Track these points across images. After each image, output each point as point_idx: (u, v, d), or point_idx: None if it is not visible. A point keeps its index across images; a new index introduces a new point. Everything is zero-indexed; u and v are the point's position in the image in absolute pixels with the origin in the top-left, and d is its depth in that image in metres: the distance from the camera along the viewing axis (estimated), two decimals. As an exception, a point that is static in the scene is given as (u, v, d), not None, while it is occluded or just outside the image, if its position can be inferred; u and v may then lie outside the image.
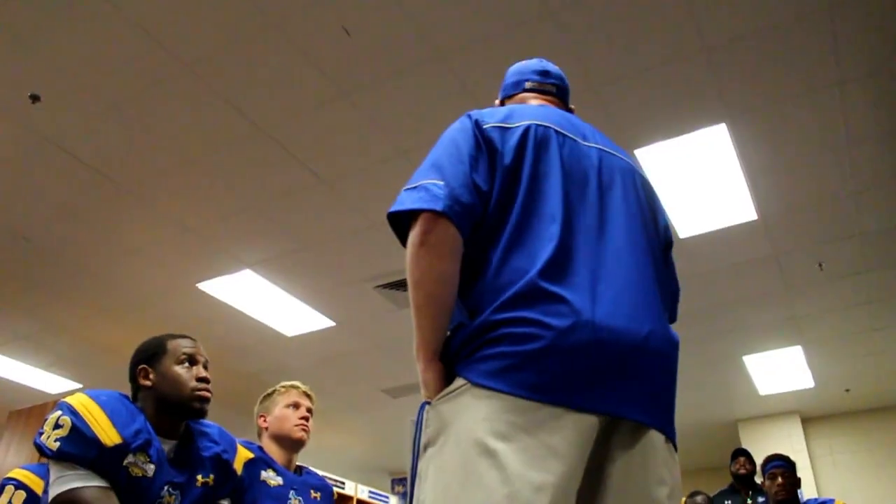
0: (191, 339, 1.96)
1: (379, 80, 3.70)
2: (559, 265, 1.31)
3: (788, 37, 3.45)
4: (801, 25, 3.40)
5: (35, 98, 3.69)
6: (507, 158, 1.42)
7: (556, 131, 1.50)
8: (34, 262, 5.24)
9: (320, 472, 6.46)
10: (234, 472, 2.00)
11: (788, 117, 3.97)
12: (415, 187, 1.37)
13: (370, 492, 7.44)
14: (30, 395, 7.36)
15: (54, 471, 1.67)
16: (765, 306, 6.07)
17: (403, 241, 1.38)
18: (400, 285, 5.61)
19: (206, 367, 1.92)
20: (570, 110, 1.77)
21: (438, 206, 1.30)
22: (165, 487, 1.78)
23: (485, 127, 1.46)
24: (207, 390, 1.88)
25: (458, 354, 1.30)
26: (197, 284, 5.62)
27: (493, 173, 1.42)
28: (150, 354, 1.90)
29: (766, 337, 6.64)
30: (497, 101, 1.82)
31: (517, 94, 1.76)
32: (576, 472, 1.19)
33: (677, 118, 3.95)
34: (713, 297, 5.87)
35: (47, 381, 7.35)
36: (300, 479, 2.36)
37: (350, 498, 7.39)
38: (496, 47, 3.49)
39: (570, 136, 1.53)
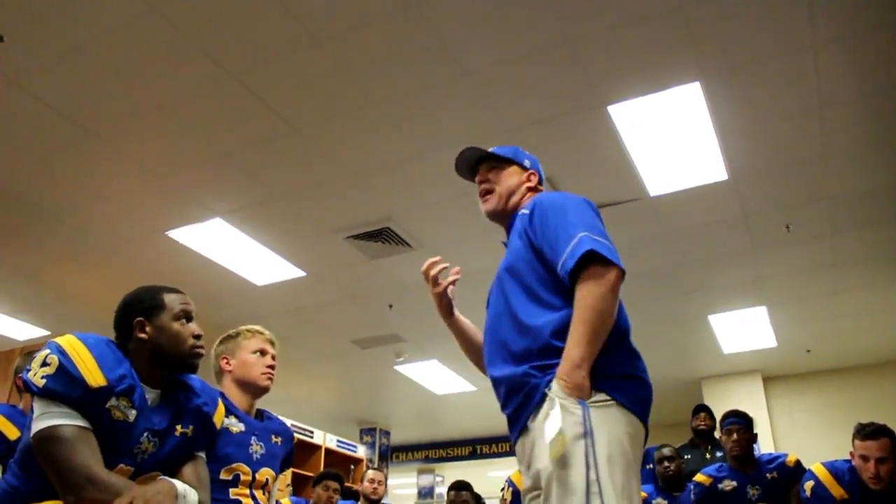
0: (182, 293, 1.98)
1: (352, 28, 3.64)
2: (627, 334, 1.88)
3: (765, -4, 3.45)
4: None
5: (-2, 37, 3.59)
6: None
7: None
8: (-1, 205, 5.16)
9: (289, 422, 6.51)
10: (213, 425, 2.02)
11: (763, 78, 3.98)
12: (602, 242, 1.77)
13: (338, 441, 7.53)
14: (-3, 343, 7.31)
15: (38, 406, 1.68)
16: (732, 266, 6.16)
17: (576, 266, 1.74)
18: (371, 236, 5.60)
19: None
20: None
21: (620, 264, 1.76)
22: (145, 433, 1.79)
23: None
24: (203, 347, 1.93)
25: (601, 374, 1.69)
26: (166, 232, 5.57)
27: None
28: (147, 307, 1.90)
29: (732, 296, 6.75)
30: (529, 172, 2.18)
31: (539, 185, 2.19)
32: None
33: (652, 75, 3.95)
34: (681, 255, 5.94)
35: (14, 328, 7.28)
36: (261, 424, 2.35)
37: (318, 447, 7.48)
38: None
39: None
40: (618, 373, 1.73)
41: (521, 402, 1.76)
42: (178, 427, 1.89)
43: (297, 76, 3.97)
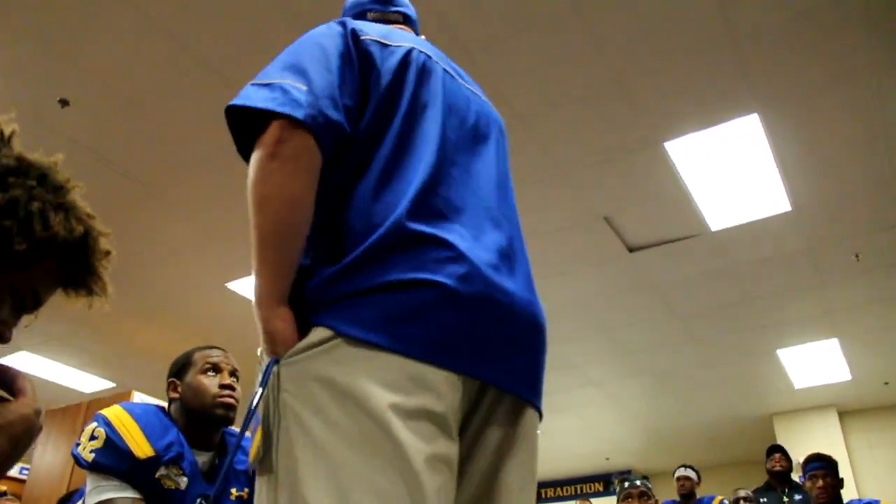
0: (219, 349, 1.98)
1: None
2: (437, 203, 1.13)
3: (820, 23, 3.37)
4: (834, 10, 3.31)
5: (64, 102, 3.72)
6: (385, 79, 1.22)
7: (437, 63, 1.34)
8: (67, 263, 5.29)
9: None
10: None
11: (822, 105, 3.88)
12: (267, 84, 1.11)
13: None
14: (65, 395, 7.46)
15: (90, 480, 1.71)
16: (799, 299, 5.96)
17: (241, 148, 1.15)
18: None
19: (234, 375, 1.92)
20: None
21: (299, 114, 1.06)
22: (198, 500, 1.78)
23: (363, 38, 1.24)
24: (231, 396, 1.88)
25: (316, 299, 1.07)
26: (226, 284, 5.65)
27: (366, 92, 1.20)
28: (179, 368, 1.93)
29: (801, 330, 6.52)
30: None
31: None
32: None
33: (707, 109, 3.88)
34: (746, 290, 5.77)
35: (82, 381, 7.45)
36: None
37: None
38: (522, 42, 3.44)
39: (451, 71, 1.37)
40: (362, 285, 1.04)
41: None
42: (234, 491, 1.87)
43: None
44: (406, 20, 1.54)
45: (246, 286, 5.68)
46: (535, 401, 1.17)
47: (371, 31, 1.28)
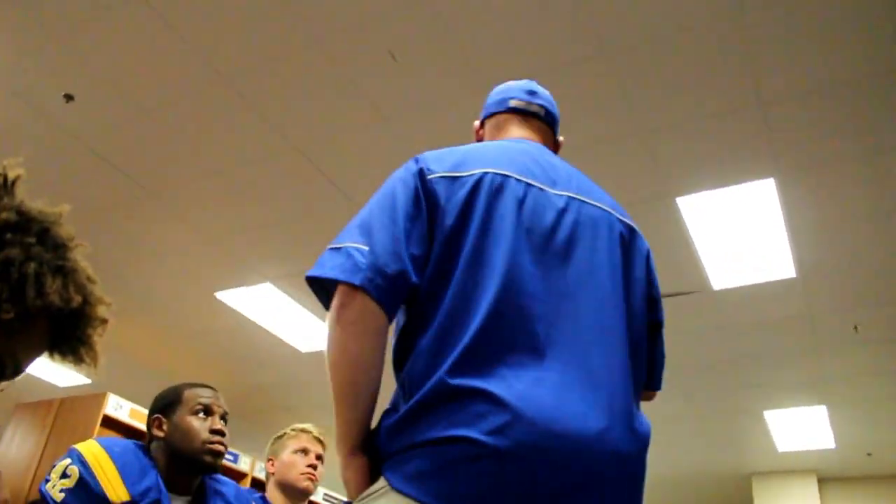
0: (210, 388, 1.84)
1: (420, 107, 3.59)
2: (483, 349, 1.09)
3: (850, 95, 3.31)
4: (864, 84, 3.25)
5: (69, 97, 3.62)
6: (450, 218, 1.20)
7: (518, 180, 1.26)
8: (54, 257, 5.17)
9: (322, 491, 6.31)
10: None
11: (839, 178, 3.82)
12: (338, 249, 1.18)
13: (371, 515, 7.30)
14: (39, 388, 7.30)
15: None
16: (793, 364, 5.89)
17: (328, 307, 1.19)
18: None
19: (224, 419, 1.80)
20: (556, 143, 1.58)
21: (356, 280, 1.11)
22: None
23: (429, 178, 1.24)
24: (221, 443, 1.76)
25: (383, 449, 1.12)
26: (215, 293, 5.52)
27: (432, 235, 1.20)
28: (166, 404, 1.79)
29: (791, 394, 6.44)
30: (476, 123, 1.61)
31: (500, 112, 1.55)
32: None
33: (725, 169, 3.81)
34: (740, 349, 5.70)
35: (57, 375, 7.28)
36: None
37: (351, 519, 7.25)
38: (544, 85, 3.37)
39: (536, 183, 1.28)
40: (410, 441, 1.08)
41: None
42: None
43: (359, 151, 3.93)
44: (546, 115, 1.55)
45: (235, 297, 5.55)
46: None
47: (441, 164, 1.27)
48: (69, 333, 0.88)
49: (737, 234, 4.32)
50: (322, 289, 1.19)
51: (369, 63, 3.35)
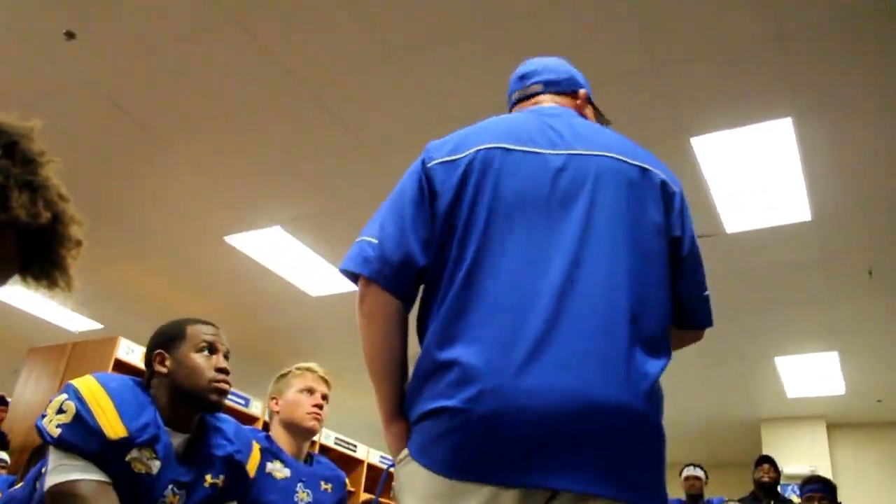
0: (213, 325, 1.80)
1: (430, 43, 3.50)
2: (458, 321, 1.18)
3: (872, 27, 3.20)
4: (889, 16, 3.14)
5: (70, 35, 3.54)
6: (444, 201, 1.27)
7: (508, 149, 1.29)
8: (62, 200, 5.14)
9: (333, 435, 6.37)
10: (246, 474, 1.85)
11: (859, 117, 3.72)
12: (357, 242, 1.33)
13: (381, 456, 7.38)
14: (51, 332, 7.36)
15: (53, 458, 1.54)
16: (806, 309, 5.85)
17: None
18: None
19: (226, 357, 1.76)
20: (577, 100, 1.56)
21: (366, 271, 1.27)
22: (170, 486, 1.63)
23: (429, 165, 1.32)
24: (226, 381, 1.73)
25: (409, 419, 1.26)
26: (225, 237, 5.50)
27: (434, 220, 1.29)
28: (168, 339, 1.74)
29: (803, 340, 6.42)
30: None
31: (522, 101, 1.57)
32: None
33: (741, 108, 3.71)
34: (753, 294, 5.64)
35: (69, 319, 7.34)
36: (309, 469, 2.19)
37: (361, 462, 7.34)
38: (559, 17, 3.27)
39: (531, 149, 1.30)
40: (415, 414, 1.21)
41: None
42: (208, 477, 1.72)
43: (369, 89, 3.84)
44: (547, 86, 1.54)
45: (244, 241, 5.53)
46: (607, 492, 1.09)
47: (440, 151, 1.34)
48: (41, 255, 0.83)
49: (752, 175, 4.23)
50: (354, 277, 1.32)
51: (376, -3, 3.25)
